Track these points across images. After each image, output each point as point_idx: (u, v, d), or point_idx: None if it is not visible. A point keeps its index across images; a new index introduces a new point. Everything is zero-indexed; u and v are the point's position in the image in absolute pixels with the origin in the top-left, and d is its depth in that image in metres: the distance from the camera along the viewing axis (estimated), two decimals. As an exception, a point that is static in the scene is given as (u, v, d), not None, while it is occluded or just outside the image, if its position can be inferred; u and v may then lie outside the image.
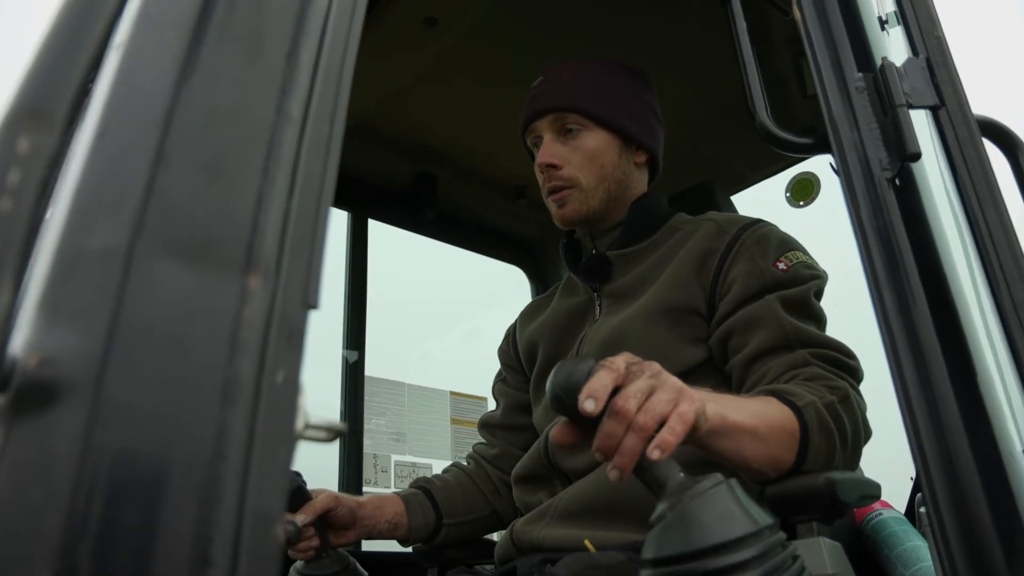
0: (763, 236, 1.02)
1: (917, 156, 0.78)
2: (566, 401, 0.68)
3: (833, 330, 1.05)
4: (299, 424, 0.41)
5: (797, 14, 0.93)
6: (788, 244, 1.02)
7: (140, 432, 0.36)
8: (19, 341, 0.35)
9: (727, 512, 0.64)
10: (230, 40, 0.46)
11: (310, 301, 0.45)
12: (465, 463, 1.31)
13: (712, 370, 1.01)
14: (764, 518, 0.65)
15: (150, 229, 0.39)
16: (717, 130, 1.67)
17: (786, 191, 1.64)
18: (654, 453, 0.64)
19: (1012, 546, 0.66)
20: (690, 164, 1.71)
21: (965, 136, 0.79)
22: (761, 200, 1.79)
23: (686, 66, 1.51)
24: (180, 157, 0.42)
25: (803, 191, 1.63)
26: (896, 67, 0.83)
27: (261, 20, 0.47)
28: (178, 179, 0.41)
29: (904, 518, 1.06)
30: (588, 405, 0.65)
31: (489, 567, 1.16)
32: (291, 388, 0.41)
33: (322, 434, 0.46)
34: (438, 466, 1.76)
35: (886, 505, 1.09)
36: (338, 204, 1.75)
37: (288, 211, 0.45)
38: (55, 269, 0.37)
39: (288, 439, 0.40)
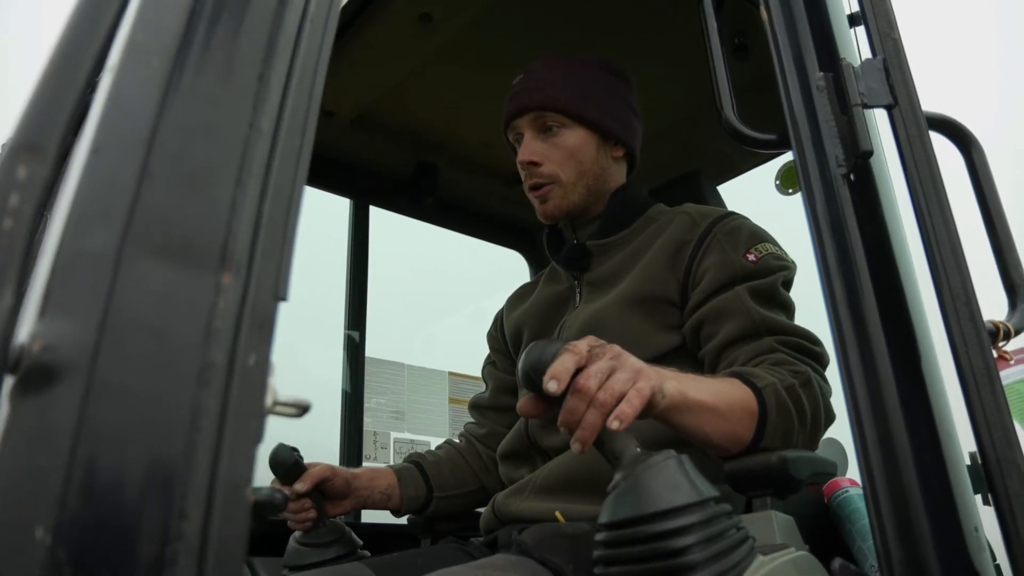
0: (734, 229, 1.06)
1: (869, 154, 0.82)
2: (535, 379, 0.75)
3: (809, 317, 1.09)
4: (268, 401, 0.47)
5: (764, 14, 0.96)
6: (758, 236, 1.06)
7: (126, 408, 0.41)
8: (25, 330, 0.41)
9: (674, 482, 0.69)
10: (208, 64, 0.51)
11: (280, 294, 0.50)
12: (457, 441, 1.38)
13: (685, 356, 1.06)
14: (709, 490, 0.71)
15: (136, 233, 0.45)
16: (708, 119, 1.69)
17: (775, 179, 1.68)
18: (613, 424, 0.70)
19: (939, 520, 0.71)
20: (681, 153, 1.75)
21: (915, 134, 0.83)
22: (750, 188, 1.82)
23: (677, 56, 1.54)
24: (162, 170, 0.47)
25: (792, 179, 1.67)
26: (853, 67, 0.86)
27: (235, 46, 0.53)
28: (161, 189, 0.47)
29: (867, 495, 1.11)
30: (551, 386, 0.71)
31: (478, 538, 1.22)
32: (262, 370, 0.47)
33: (291, 410, 0.51)
34: (436, 444, 1.83)
35: (854, 483, 1.14)
36: (340, 192, 1.81)
37: (260, 215, 0.50)
38: (55, 268, 0.43)
39: (258, 414, 0.46)
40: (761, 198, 1.69)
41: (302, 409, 0.52)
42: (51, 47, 0.39)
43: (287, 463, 1.09)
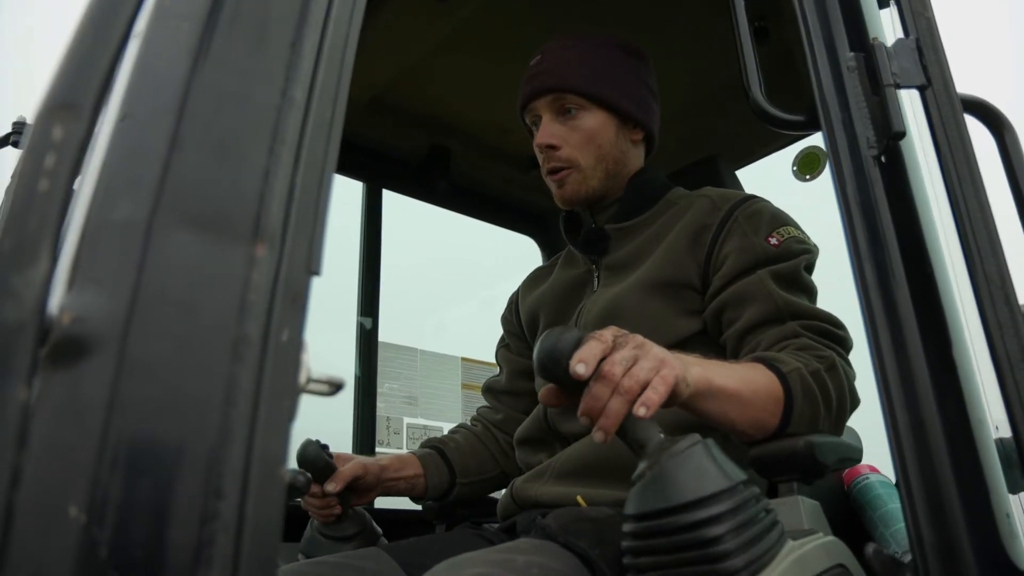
0: (756, 212, 1.04)
1: (902, 135, 0.81)
2: (550, 367, 0.73)
3: (833, 301, 1.08)
4: (302, 378, 0.46)
5: (793, -7, 0.94)
6: (780, 219, 1.05)
7: (159, 383, 0.40)
8: (54, 302, 0.40)
9: (701, 470, 0.68)
10: (239, 31, 0.50)
11: (313, 268, 0.49)
12: (471, 425, 1.37)
13: (706, 341, 1.05)
14: (738, 474, 0.69)
15: (166, 203, 0.43)
16: (727, 104, 1.68)
17: (793, 165, 1.66)
18: (640, 410, 0.68)
19: (971, 506, 0.70)
20: (698, 138, 1.73)
21: (948, 115, 0.81)
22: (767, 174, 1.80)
23: (697, 40, 1.52)
24: (193, 138, 0.46)
25: (810, 165, 1.64)
26: (886, 47, 0.84)
27: (267, 12, 0.51)
28: (191, 158, 0.45)
29: (889, 482, 1.10)
30: (580, 368, 0.69)
31: (493, 524, 1.21)
32: (295, 346, 0.45)
33: (324, 387, 0.50)
34: (448, 429, 1.82)
35: (874, 470, 1.13)
36: (352, 175, 1.80)
37: (292, 186, 0.48)
38: (84, 238, 0.42)
39: (292, 391, 0.45)
40: (779, 183, 1.67)
41: (336, 387, 0.51)
42: (83, 6, 0.38)
43: (318, 464, 1.06)
